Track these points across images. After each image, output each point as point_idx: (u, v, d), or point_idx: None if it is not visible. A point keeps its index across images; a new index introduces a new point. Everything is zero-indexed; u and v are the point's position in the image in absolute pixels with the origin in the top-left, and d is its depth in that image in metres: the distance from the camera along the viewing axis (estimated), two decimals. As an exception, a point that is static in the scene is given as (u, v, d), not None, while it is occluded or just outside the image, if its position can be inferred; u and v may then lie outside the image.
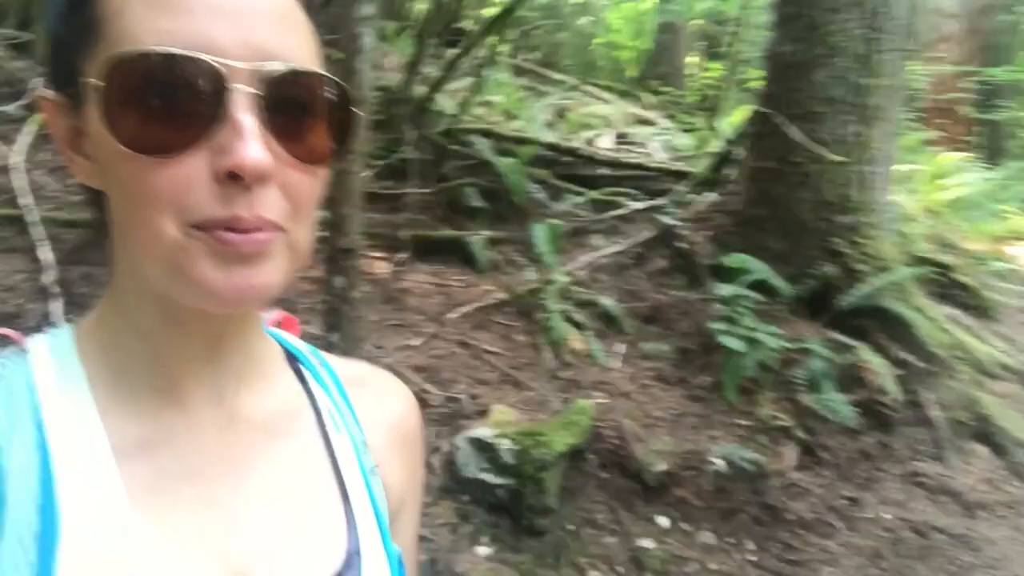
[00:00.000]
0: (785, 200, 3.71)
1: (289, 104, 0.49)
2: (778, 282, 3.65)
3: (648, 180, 5.10)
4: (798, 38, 3.68)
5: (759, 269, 3.61)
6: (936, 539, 2.88)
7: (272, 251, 0.49)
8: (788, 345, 3.39)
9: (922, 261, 4.10)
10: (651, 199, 4.74)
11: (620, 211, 4.65)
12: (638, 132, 6.66)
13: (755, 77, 6.34)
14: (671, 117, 7.83)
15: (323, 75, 0.51)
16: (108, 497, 0.48)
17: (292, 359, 0.64)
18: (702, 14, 9.89)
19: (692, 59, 11.48)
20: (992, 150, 10.47)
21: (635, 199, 4.80)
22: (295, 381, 0.62)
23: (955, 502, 3.04)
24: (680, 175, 5.02)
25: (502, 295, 3.79)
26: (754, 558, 2.71)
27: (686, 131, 6.93)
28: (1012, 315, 4.50)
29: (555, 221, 4.19)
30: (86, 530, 0.47)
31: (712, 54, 10.86)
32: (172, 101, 0.46)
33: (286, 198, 0.49)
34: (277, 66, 0.48)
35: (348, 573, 0.55)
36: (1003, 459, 3.23)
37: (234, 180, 0.46)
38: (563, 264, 3.97)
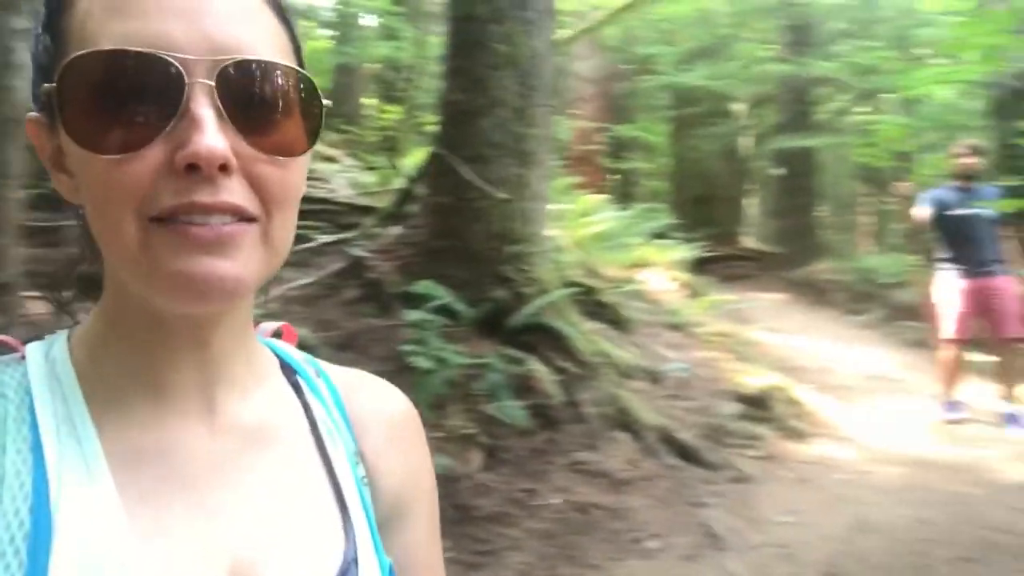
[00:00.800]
0: (462, 232, 4.14)
1: (250, 96, 0.49)
2: (459, 306, 4.04)
3: (335, 215, 5.26)
4: (465, 88, 4.17)
5: (442, 295, 3.96)
6: (595, 514, 3.44)
7: (241, 242, 0.49)
8: (470, 361, 3.78)
9: (573, 285, 4.83)
10: (340, 232, 4.90)
11: (310, 244, 4.73)
12: (322, 168, 6.78)
13: (431, 121, 6.87)
14: (354, 155, 8.09)
15: (284, 66, 0.51)
16: (103, 502, 0.48)
17: (288, 370, 0.63)
18: (378, 59, 10.37)
19: (370, 100, 11.94)
20: (623, 194, 12.48)
21: (324, 232, 4.91)
22: (290, 391, 0.62)
23: (607, 482, 3.64)
24: (366, 210, 5.26)
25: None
26: (450, 554, 2.97)
27: (369, 169, 7.23)
28: (642, 327, 5.49)
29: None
30: (81, 534, 0.46)
31: (389, 97, 11.43)
32: (127, 98, 0.46)
33: (254, 190, 0.49)
34: (234, 58, 0.48)
35: None
36: (639, 442, 3.95)
37: (194, 171, 0.46)
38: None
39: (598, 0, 9.07)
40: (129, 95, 0.46)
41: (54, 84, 0.47)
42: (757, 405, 4.95)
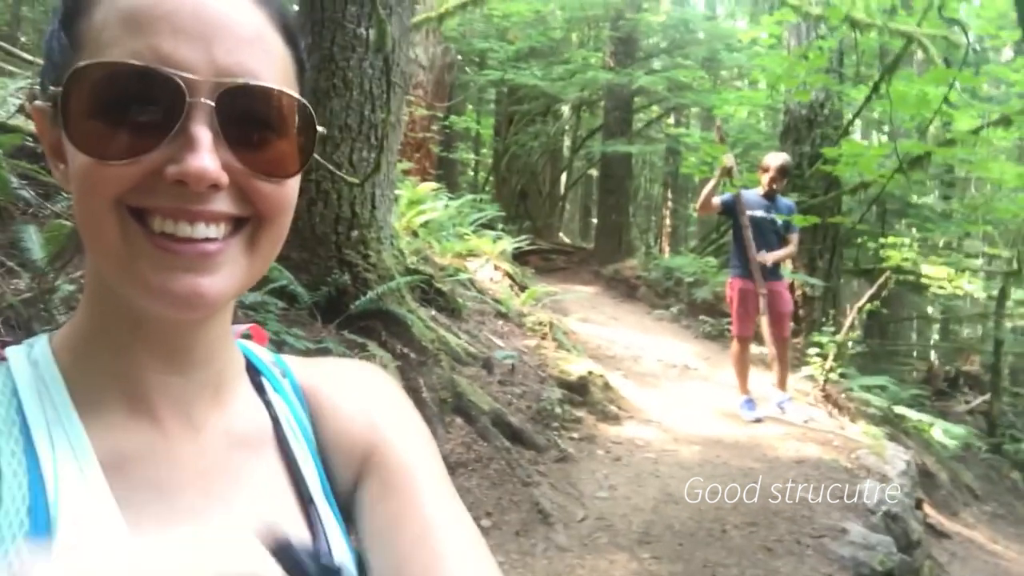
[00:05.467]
0: (305, 214, 4.05)
1: (247, 119, 0.51)
2: (299, 289, 3.97)
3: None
4: (317, 67, 4.06)
5: (284, 278, 3.87)
6: (431, 496, 3.55)
7: (224, 258, 0.51)
8: (310, 345, 3.73)
9: (412, 272, 4.90)
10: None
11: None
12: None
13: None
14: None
15: (282, 92, 0.53)
16: (100, 503, 0.49)
17: (252, 371, 0.65)
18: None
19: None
20: (450, 183, 12.66)
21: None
22: (254, 393, 0.63)
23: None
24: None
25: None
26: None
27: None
28: (473, 315, 5.67)
29: (63, 222, 3.77)
30: (81, 534, 0.47)
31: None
32: (130, 110, 0.48)
33: (245, 203, 0.52)
34: (236, 81, 0.50)
35: None
36: (473, 426, 4.12)
37: (182, 186, 0.48)
38: (69, 271, 3.61)
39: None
40: (132, 107, 0.48)
41: (60, 88, 0.49)
42: (577, 391, 5.32)
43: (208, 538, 0.47)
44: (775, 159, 5.60)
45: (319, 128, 0.56)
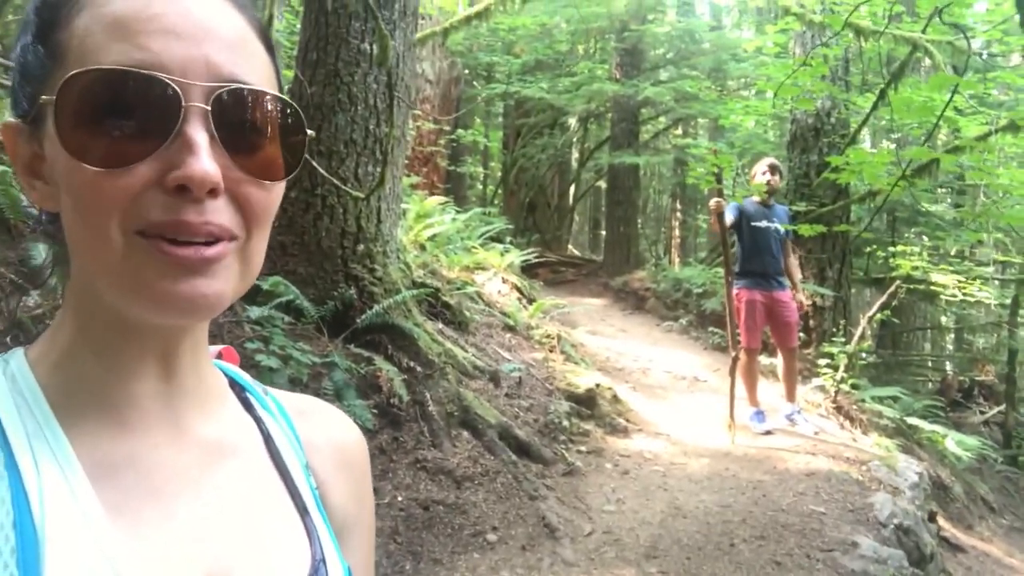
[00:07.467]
0: (311, 228, 4.07)
1: (241, 122, 0.51)
2: (305, 303, 3.98)
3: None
4: (323, 83, 4.09)
5: (290, 292, 3.88)
6: (437, 510, 3.53)
7: (223, 263, 0.51)
8: (316, 360, 3.74)
9: (419, 285, 4.90)
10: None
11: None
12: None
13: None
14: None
15: (274, 95, 0.54)
16: (88, 513, 0.48)
17: (237, 387, 0.66)
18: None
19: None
20: (458, 197, 12.68)
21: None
22: (240, 407, 0.64)
23: (448, 478, 3.75)
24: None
25: (-4, 321, 3.30)
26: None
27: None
28: (480, 328, 5.67)
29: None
30: (72, 544, 0.47)
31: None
32: (125, 116, 0.48)
33: (238, 210, 0.52)
34: (230, 86, 0.50)
35: None
36: (479, 439, 4.10)
37: (183, 192, 0.48)
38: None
39: (444, 2, 9.19)
40: (127, 113, 0.48)
41: (53, 97, 0.48)
42: (585, 403, 5.29)
43: None
44: (759, 165, 5.64)
45: (309, 131, 0.57)
